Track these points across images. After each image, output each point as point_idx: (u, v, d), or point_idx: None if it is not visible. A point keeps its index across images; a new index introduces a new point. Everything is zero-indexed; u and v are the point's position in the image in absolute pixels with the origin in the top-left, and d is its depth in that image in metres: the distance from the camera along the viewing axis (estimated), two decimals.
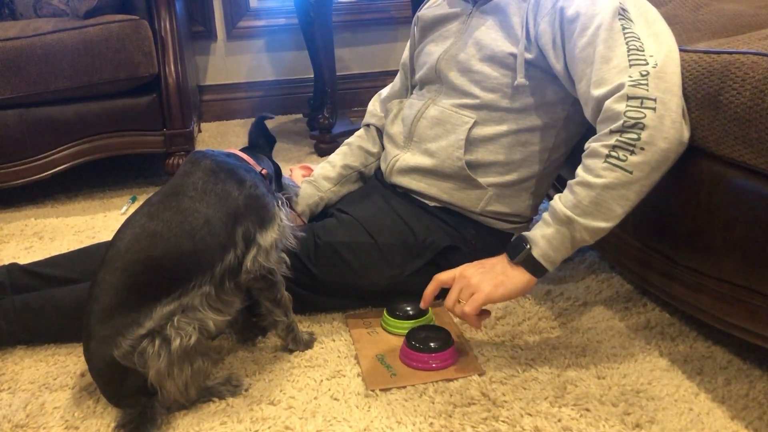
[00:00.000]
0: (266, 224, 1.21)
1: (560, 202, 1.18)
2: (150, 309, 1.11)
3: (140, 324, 1.10)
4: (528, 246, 1.19)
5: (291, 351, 1.33)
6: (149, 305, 1.11)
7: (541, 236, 1.19)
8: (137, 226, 1.16)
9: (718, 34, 1.28)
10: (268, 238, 1.21)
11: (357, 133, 1.74)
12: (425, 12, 1.58)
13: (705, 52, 1.14)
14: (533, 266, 1.20)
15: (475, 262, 1.26)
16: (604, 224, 1.16)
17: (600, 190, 1.14)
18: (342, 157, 1.69)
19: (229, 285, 1.19)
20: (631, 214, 1.17)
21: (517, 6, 1.36)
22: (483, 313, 1.23)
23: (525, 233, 1.22)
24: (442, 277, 1.27)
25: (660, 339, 1.31)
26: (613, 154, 1.13)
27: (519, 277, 1.20)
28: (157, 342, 1.09)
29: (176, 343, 1.09)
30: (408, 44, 1.69)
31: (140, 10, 2.30)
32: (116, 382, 1.13)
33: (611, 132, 1.14)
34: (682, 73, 1.15)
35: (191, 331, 1.11)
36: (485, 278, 1.20)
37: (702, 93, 1.11)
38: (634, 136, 1.12)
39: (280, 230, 1.23)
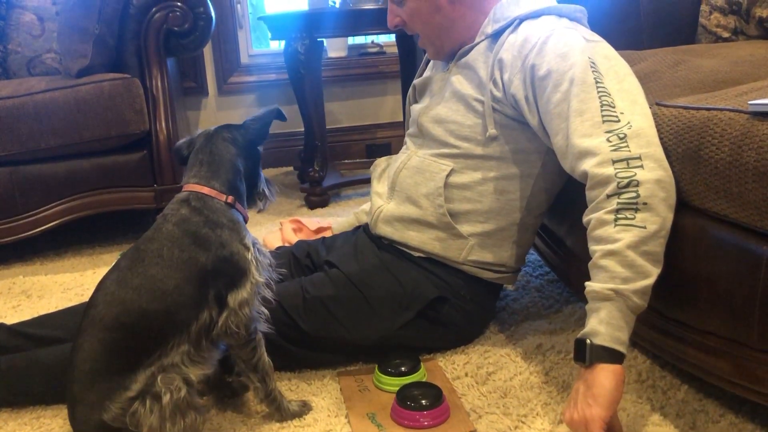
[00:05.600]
0: (237, 283, 1.20)
1: (595, 283, 1.14)
2: (133, 372, 1.10)
3: (127, 387, 1.09)
4: (588, 341, 1.12)
5: (279, 420, 1.27)
6: (132, 369, 1.11)
7: (598, 323, 1.12)
8: (108, 294, 1.16)
9: (696, 89, 1.31)
10: (238, 297, 1.20)
11: None
12: (418, 80, 1.64)
13: (684, 108, 1.16)
14: (607, 355, 1.10)
15: (569, 403, 1.15)
16: (646, 281, 1.11)
17: (625, 250, 1.11)
18: None
19: (206, 343, 1.19)
20: None
21: (483, 61, 1.42)
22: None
23: (579, 335, 1.15)
24: None
25: (651, 392, 1.30)
26: (620, 216, 1.12)
27: (603, 375, 1.09)
28: (148, 401, 1.08)
29: (167, 397, 1.09)
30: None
31: (132, 68, 2.35)
32: None
33: (608, 196, 1.14)
34: (663, 128, 1.17)
35: (180, 384, 1.11)
36: (580, 408, 1.10)
37: (683, 148, 1.13)
38: (633, 194, 1.12)
39: (252, 288, 1.21)
